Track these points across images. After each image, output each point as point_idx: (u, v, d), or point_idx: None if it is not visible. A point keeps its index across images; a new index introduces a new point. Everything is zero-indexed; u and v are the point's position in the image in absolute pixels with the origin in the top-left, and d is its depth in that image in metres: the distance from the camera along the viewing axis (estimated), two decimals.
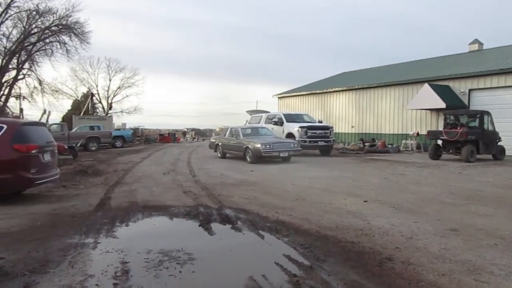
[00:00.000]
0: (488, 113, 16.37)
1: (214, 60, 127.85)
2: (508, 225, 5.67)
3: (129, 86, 53.54)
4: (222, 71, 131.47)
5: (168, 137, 38.14)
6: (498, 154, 16.61)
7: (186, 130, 53.26)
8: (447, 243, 4.79)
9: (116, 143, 27.29)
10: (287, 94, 35.23)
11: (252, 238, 5.15)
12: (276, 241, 4.98)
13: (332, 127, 19.88)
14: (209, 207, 7.00)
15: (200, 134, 49.85)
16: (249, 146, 14.86)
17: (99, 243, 4.86)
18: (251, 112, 25.96)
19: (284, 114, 20.37)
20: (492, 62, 21.39)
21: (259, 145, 14.44)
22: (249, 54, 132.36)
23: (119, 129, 35.46)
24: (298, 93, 33.82)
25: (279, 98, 36.27)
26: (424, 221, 5.88)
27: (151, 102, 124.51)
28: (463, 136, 15.53)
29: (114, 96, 53.64)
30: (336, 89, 29.54)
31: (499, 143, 16.76)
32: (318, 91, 31.30)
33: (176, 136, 40.70)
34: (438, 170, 13.04)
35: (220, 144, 17.52)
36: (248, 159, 14.89)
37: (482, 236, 5.12)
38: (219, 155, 17.50)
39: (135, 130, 38.79)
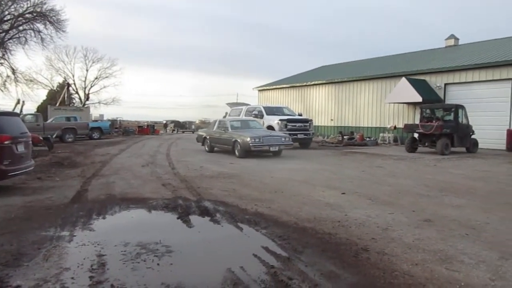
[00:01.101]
0: (462, 107, 16.80)
1: (195, 52, 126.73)
2: (480, 216, 5.86)
3: (106, 77, 52.65)
4: (203, 63, 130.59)
5: (147, 129, 37.73)
6: (472, 147, 17.10)
7: (166, 122, 52.70)
8: (421, 234, 4.92)
9: (94, 135, 26.81)
10: (268, 87, 35.25)
11: (230, 231, 5.16)
12: (254, 233, 5.01)
13: (311, 120, 20.04)
14: (188, 199, 6.97)
15: (180, 126, 49.39)
16: (238, 140, 14.15)
17: (75, 236, 4.79)
18: (231, 104, 25.87)
19: (264, 107, 20.38)
20: (467, 57, 21.90)
21: (248, 139, 13.70)
22: (230, 46, 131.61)
23: (96, 121, 34.87)
24: (278, 86, 33.89)
25: (259, 91, 36.27)
26: (399, 213, 6.02)
27: (129, 94, 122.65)
28: (438, 129, 15.91)
29: (91, 86, 52.66)
30: (316, 82, 29.73)
31: (473, 136, 17.25)
32: (298, 84, 31.43)
33: (155, 128, 40.26)
34: (414, 162, 13.33)
35: (208, 137, 16.65)
36: (237, 153, 14.25)
37: (455, 226, 5.28)
38: (206, 148, 16.65)
39: (113, 122, 38.14)
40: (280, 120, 18.32)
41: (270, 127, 18.30)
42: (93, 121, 33.66)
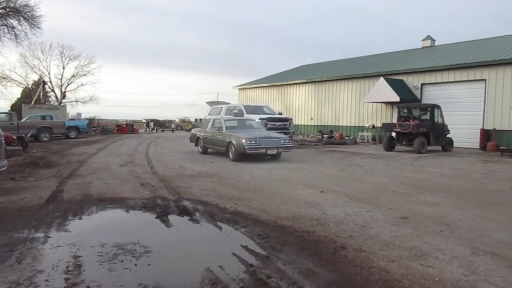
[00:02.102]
0: (438, 107, 17.19)
1: (175, 50, 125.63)
2: (454, 213, 6.01)
3: (84, 75, 51.56)
4: (183, 62, 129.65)
5: (126, 128, 37.17)
6: (447, 145, 17.53)
7: (145, 120, 52.09)
8: (397, 231, 5.01)
9: (70, 134, 26.24)
10: (248, 86, 35.26)
11: (210, 230, 5.14)
12: (234, 232, 5.00)
13: (291, 119, 20.13)
14: (166, 199, 6.91)
15: (159, 125, 48.89)
16: (232, 141, 12.83)
17: (49, 237, 4.68)
18: (211, 103, 25.78)
19: (244, 106, 20.37)
20: (443, 58, 22.41)
21: (243, 140, 12.33)
22: (210, 45, 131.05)
23: (73, 119, 34.16)
24: (258, 85, 33.92)
25: (239, 89, 36.25)
26: (376, 210, 6.12)
27: (108, 92, 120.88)
28: (415, 128, 16.24)
29: (68, 84, 51.47)
30: (296, 81, 29.90)
31: (448, 135, 17.68)
32: (278, 83, 31.54)
33: (134, 126, 39.71)
34: (392, 161, 13.56)
35: (201, 137, 15.38)
36: (231, 155, 13.01)
37: (430, 223, 5.40)
38: (200, 150, 15.43)
39: (91, 120, 37.45)
40: (260, 119, 18.30)
41: None
42: (70, 119, 32.95)
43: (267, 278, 3.50)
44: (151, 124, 48.90)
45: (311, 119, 28.41)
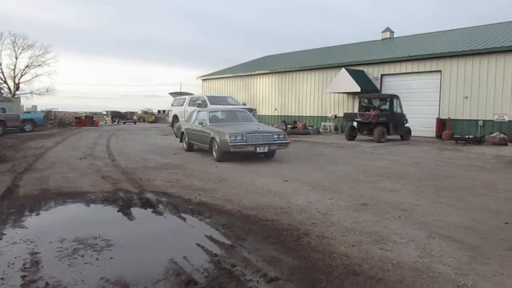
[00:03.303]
0: (397, 97, 17.75)
1: (136, 40, 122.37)
2: (411, 199, 6.26)
3: (39, 65, 49.24)
4: (145, 52, 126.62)
5: (85, 120, 35.93)
6: (405, 134, 18.15)
7: (105, 112, 50.56)
8: (358, 217, 5.17)
9: (25, 127, 25.10)
10: (212, 77, 34.94)
11: (173, 221, 5.11)
12: (198, 222, 4.99)
13: (255, 109, 20.14)
14: (129, 191, 6.78)
15: (121, 117, 47.57)
16: (215, 137, 10.82)
17: (4, 234, 4.50)
18: (174, 94, 25.34)
19: (208, 97, 20.15)
20: (401, 50, 23.09)
21: (227, 136, 10.31)
22: (173, 35, 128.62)
23: (28, 112, 32.71)
24: (222, 76, 33.70)
25: (203, 80, 35.88)
26: (338, 198, 6.27)
27: (66, 83, 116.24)
28: (375, 118, 16.69)
29: (21, 75, 49.00)
30: (260, 72, 29.91)
31: (406, 125, 18.31)
32: (242, 74, 31.45)
33: (94, 119, 38.46)
34: (353, 150, 13.91)
35: (185, 132, 13.39)
36: (214, 154, 11.00)
37: (389, 209, 5.60)
38: (184, 146, 13.46)
39: (48, 113, 35.94)
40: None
41: None
42: (25, 112, 31.51)
43: (232, 267, 3.52)
44: (111, 116, 47.51)
45: (275, 109, 28.58)
